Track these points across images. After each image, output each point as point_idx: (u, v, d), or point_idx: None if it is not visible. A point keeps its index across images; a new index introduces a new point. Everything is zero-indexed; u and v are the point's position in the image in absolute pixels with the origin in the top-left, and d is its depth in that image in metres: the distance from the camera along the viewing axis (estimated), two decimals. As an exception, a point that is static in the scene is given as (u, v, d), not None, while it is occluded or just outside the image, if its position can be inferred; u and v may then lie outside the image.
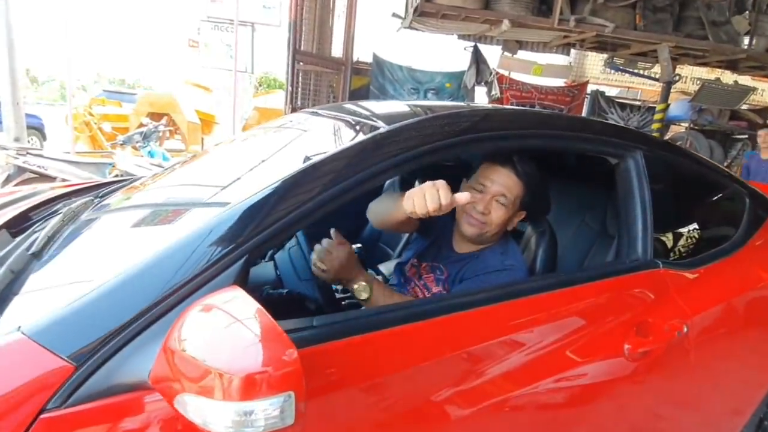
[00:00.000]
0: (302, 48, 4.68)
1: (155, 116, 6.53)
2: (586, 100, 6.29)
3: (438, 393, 0.76)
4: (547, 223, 1.20)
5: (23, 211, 1.20)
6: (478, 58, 5.42)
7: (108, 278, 0.63)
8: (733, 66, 5.50)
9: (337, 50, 5.16)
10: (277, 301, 1.02)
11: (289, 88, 4.11)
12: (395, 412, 0.74)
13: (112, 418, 0.56)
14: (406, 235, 1.44)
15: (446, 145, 0.88)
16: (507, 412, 0.86)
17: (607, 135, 1.17)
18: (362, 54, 5.49)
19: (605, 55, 5.53)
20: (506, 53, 5.32)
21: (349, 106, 1.23)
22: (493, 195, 1.04)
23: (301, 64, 4.26)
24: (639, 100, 7.39)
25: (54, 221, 0.96)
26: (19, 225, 1.13)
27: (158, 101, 6.69)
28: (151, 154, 4.59)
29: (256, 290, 0.96)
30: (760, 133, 4.29)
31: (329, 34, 5.05)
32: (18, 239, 0.96)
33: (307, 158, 0.81)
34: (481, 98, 5.81)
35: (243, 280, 0.64)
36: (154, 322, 0.59)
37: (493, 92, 5.73)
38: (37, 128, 7.36)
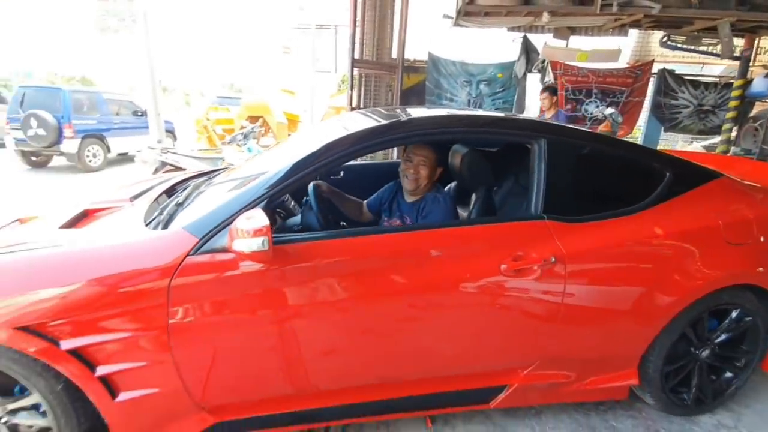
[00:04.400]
0: (364, 53, 5.45)
1: (252, 119, 7.98)
2: (652, 80, 6.06)
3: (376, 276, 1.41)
4: (484, 188, 1.85)
5: (170, 186, 2.17)
6: (527, 48, 5.66)
7: (211, 208, 1.45)
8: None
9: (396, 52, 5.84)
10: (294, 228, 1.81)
11: (349, 92, 4.94)
12: (334, 277, 1.41)
13: (213, 262, 1.37)
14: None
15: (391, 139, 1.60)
16: (418, 297, 1.46)
17: (518, 128, 1.71)
18: (419, 53, 6.10)
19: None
20: (548, 44, 5.47)
21: (367, 112, 1.96)
22: (418, 161, 1.77)
23: (357, 71, 5.03)
24: (719, 77, 6.76)
25: (188, 189, 1.89)
26: (170, 193, 2.09)
27: (254, 106, 8.14)
28: (249, 150, 5.84)
29: (287, 228, 1.78)
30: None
31: (388, 40, 5.74)
32: (170, 198, 1.90)
33: (308, 146, 1.55)
34: (533, 86, 6.02)
35: (266, 206, 1.40)
36: (231, 221, 1.35)
37: (547, 79, 5.91)
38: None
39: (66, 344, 1.23)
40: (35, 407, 1.35)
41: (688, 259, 1.61)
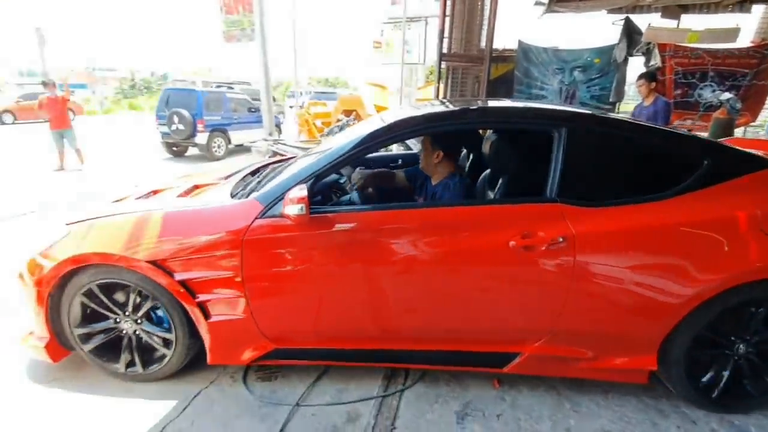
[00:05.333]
0: (453, 45, 5.66)
1: (347, 112, 8.69)
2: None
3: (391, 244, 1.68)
4: (508, 174, 1.90)
5: (255, 168, 2.60)
6: (629, 30, 5.31)
7: (275, 183, 1.86)
8: None
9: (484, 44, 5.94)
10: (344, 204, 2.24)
11: (437, 85, 5.22)
12: (357, 245, 1.69)
13: (273, 224, 1.67)
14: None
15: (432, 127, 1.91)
16: (432, 269, 1.67)
17: (538, 118, 1.79)
18: (507, 44, 6.10)
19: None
20: (652, 24, 5.07)
21: (410, 105, 2.26)
22: (421, 148, 2.13)
23: (444, 64, 5.27)
24: None
25: (267, 170, 2.39)
26: (254, 174, 2.47)
27: (348, 101, 8.87)
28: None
29: (340, 203, 2.22)
30: None
31: (477, 31, 5.86)
32: (253, 177, 2.37)
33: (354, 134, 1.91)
34: (633, 71, 5.64)
35: (312, 184, 1.76)
36: (285, 194, 1.64)
37: (653, 62, 5.50)
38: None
39: (178, 276, 1.71)
40: (161, 322, 1.91)
41: (714, 250, 1.55)
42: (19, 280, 1.89)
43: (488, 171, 2.13)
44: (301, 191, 1.61)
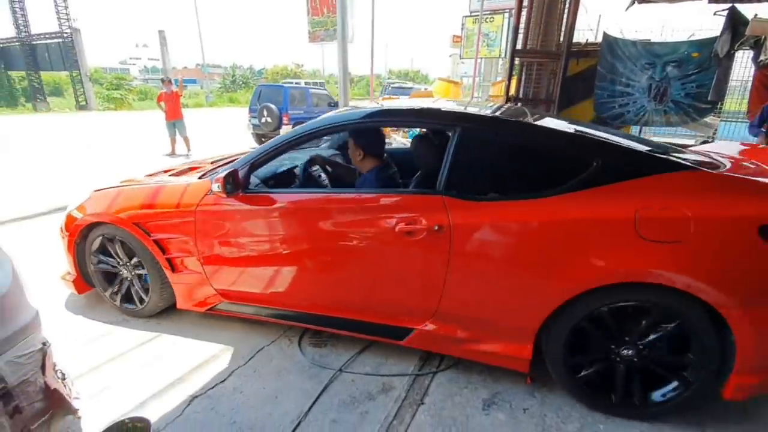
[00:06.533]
0: (529, 39, 5.48)
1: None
2: None
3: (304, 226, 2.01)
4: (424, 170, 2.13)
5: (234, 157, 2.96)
6: (735, 20, 4.70)
7: (227, 167, 2.12)
8: None
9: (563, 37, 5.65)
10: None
11: (507, 82, 5.13)
12: (268, 221, 2.04)
13: (214, 200, 2.12)
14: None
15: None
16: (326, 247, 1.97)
17: (435, 118, 1.98)
18: (591, 37, 5.74)
19: None
20: (758, 15, 4.42)
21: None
22: (349, 146, 2.28)
23: (518, 60, 5.13)
24: None
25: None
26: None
27: (421, 96, 8.97)
28: (411, 136, 6.68)
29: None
30: None
31: (556, 25, 5.59)
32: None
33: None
34: (744, 66, 4.97)
35: (247, 171, 2.08)
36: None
37: (762, 57, 4.81)
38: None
39: (153, 236, 2.24)
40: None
41: (584, 248, 1.58)
42: (60, 232, 2.57)
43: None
44: (223, 174, 1.99)
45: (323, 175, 2.77)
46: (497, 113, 2.06)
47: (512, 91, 5.47)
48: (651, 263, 1.50)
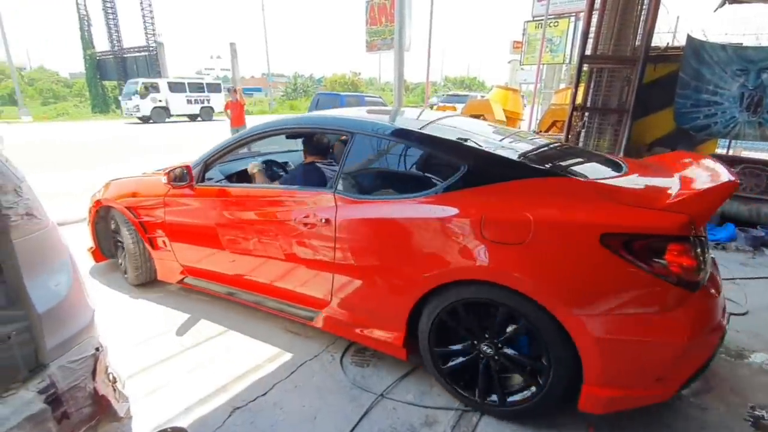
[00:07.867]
0: (600, 44, 5.08)
1: (475, 117, 8.59)
2: None
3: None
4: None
5: None
6: None
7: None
8: None
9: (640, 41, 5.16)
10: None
11: (573, 91, 4.77)
12: (205, 209, 2.54)
13: (174, 189, 2.70)
14: None
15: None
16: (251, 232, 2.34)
17: (336, 127, 2.32)
18: (669, 40, 5.21)
19: None
20: None
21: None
22: None
23: (587, 66, 4.76)
24: None
25: None
26: None
27: (476, 105, 8.73)
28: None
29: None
30: None
31: (632, 28, 5.13)
32: None
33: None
34: None
35: (202, 167, 2.61)
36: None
37: None
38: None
39: (141, 219, 2.79)
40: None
41: (435, 246, 1.71)
42: (87, 213, 3.19)
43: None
44: (170, 169, 2.56)
45: (272, 173, 3.15)
46: (390, 121, 2.24)
47: (579, 100, 5.10)
48: (492, 263, 1.59)
